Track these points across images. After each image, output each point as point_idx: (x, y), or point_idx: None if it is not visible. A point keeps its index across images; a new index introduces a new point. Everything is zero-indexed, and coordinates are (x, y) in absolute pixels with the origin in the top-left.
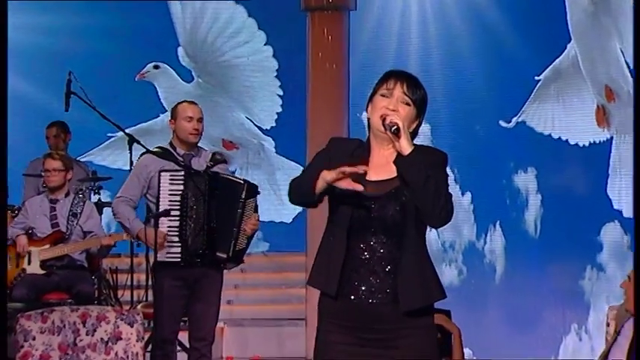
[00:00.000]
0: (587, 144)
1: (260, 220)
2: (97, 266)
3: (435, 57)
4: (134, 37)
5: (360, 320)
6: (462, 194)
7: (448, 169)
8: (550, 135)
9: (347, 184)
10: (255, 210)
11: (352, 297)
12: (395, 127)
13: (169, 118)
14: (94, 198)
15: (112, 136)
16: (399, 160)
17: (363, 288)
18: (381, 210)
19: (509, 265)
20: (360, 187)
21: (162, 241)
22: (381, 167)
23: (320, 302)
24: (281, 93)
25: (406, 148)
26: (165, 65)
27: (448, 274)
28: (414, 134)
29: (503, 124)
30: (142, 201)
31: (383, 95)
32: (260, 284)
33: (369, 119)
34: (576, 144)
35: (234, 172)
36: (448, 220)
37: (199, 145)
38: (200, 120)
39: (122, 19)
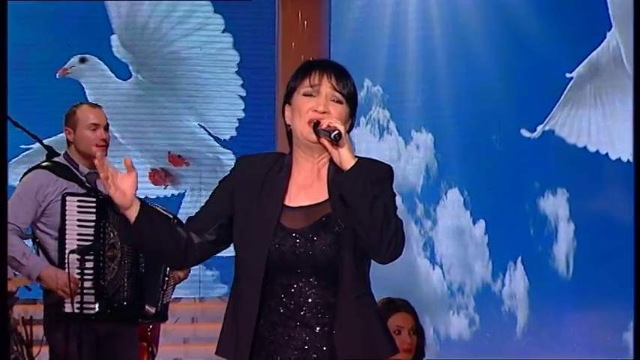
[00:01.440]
0: (631, 159)
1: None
2: (7, 316)
3: (439, 47)
4: (55, 22)
5: None
6: (474, 223)
7: (456, 191)
8: (585, 147)
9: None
10: None
11: (279, 358)
12: (336, 132)
13: (64, 126)
14: None
15: (27, 149)
16: (340, 176)
17: (292, 345)
18: (309, 244)
19: (533, 314)
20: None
21: (75, 287)
22: (307, 189)
23: None
24: (243, 93)
25: (349, 159)
26: (95, 58)
27: (456, 325)
28: None
29: (525, 133)
30: None
31: (307, 95)
32: (216, 338)
33: (288, 127)
34: (618, 159)
35: (184, 194)
36: (399, 252)
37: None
38: (107, 128)
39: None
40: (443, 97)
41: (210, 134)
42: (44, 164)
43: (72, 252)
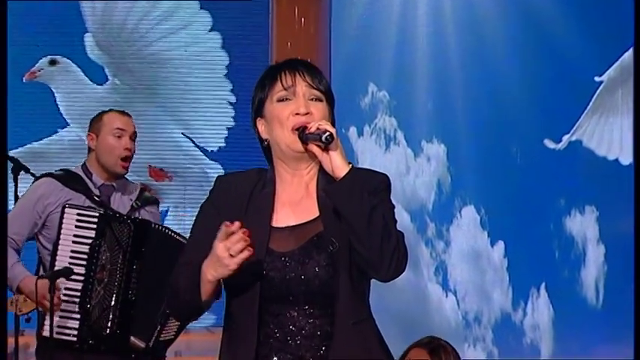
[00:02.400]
0: None
1: None
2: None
3: (452, 48)
4: (22, 19)
5: None
6: (492, 245)
7: (472, 209)
8: (617, 160)
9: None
10: None
11: None
12: (327, 134)
13: (87, 131)
14: None
15: None
16: (332, 186)
17: None
18: (300, 268)
19: (559, 346)
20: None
21: (58, 301)
22: (294, 206)
23: None
24: (233, 99)
25: (342, 165)
26: (67, 60)
27: (473, 359)
28: None
29: (549, 144)
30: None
31: (281, 100)
32: None
33: (265, 141)
34: None
35: (166, 212)
36: (402, 268)
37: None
38: (133, 137)
39: None
40: (457, 104)
41: (195, 145)
42: (55, 172)
43: (40, 277)
